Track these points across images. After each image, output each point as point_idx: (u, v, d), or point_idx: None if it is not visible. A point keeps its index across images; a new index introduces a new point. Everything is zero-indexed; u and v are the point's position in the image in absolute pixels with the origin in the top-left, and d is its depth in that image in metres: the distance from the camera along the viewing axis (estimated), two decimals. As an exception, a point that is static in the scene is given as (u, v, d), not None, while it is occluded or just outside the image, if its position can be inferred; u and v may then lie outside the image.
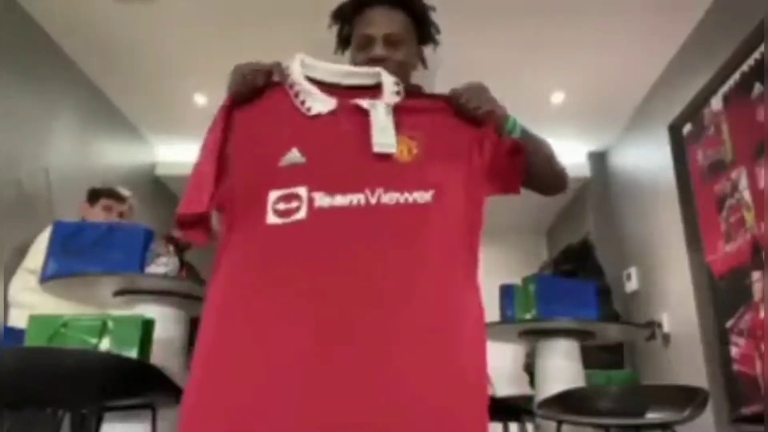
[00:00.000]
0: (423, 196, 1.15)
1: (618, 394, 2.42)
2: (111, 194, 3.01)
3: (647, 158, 4.06)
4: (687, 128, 3.49)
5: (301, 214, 1.12)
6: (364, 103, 1.21)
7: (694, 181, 3.40)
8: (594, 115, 4.33)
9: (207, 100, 4.13)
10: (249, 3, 3.24)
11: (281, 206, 1.14)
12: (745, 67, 2.88)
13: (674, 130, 3.61)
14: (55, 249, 2.13)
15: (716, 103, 3.14)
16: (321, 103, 1.22)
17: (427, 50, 1.64)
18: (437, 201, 1.16)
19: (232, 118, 1.24)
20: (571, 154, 4.82)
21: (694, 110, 3.36)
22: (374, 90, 1.25)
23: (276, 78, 1.25)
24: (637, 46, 3.50)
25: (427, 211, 1.14)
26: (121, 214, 2.98)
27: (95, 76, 3.90)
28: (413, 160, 1.19)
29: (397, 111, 1.22)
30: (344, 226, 1.12)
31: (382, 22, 1.40)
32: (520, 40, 3.49)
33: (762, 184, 2.71)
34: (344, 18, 1.48)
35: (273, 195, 1.15)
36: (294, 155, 1.18)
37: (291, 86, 1.24)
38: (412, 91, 1.29)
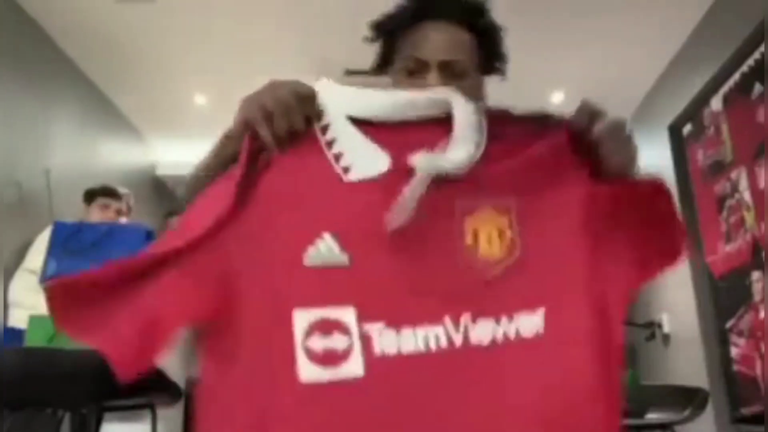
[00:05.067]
0: (531, 323, 0.71)
1: (618, 395, 2.42)
2: (107, 192, 2.99)
3: (647, 158, 4.03)
4: (687, 128, 3.49)
5: (355, 366, 0.67)
6: (436, 163, 0.73)
7: (694, 181, 3.40)
8: (594, 115, 4.33)
9: (207, 100, 4.13)
10: (249, 3, 3.24)
11: (318, 344, 0.68)
12: (745, 68, 2.87)
13: (674, 130, 3.61)
14: (55, 249, 2.13)
15: (716, 103, 3.14)
16: (367, 160, 0.75)
17: None
18: (551, 327, 0.71)
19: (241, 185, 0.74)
20: (571, 154, 4.82)
21: (694, 110, 3.36)
22: (444, 126, 0.78)
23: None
24: (637, 46, 3.50)
25: (537, 349, 0.70)
26: (118, 212, 2.97)
27: (95, 76, 3.89)
28: (507, 254, 0.73)
29: (485, 161, 0.76)
30: (419, 397, 0.67)
31: (440, 44, 1.00)
32: (520, 39, 3.47)
33: (762, 184, 2.71)
34: (391, 32, 1.05)
35: (301, 319, 0.68)
36: (328, 248, 0.71)
37: (324, 130, 0.77)
38: (500, 117, 0.81)
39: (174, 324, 0.69)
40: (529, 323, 0.70)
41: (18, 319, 2.39)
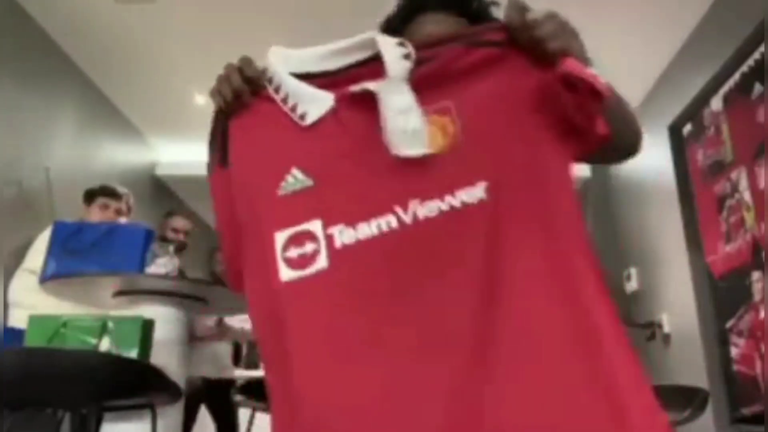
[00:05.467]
0: (472, 194, 0.84)
1: (618, 395, 2.42)
2: (107, 192, 2.99)
3: (647, 158, 4.06)
4: (687, 128, 3.49)
5: (321, 262, 0.85)
6: (370, 85, 0.88)
7: (694, 181, 3.40)
8: (594, 115, 4.33)
9: (207, 100, 4.11)
10: (249, 3, 3.25)
11: (294, 253, 0.86)
12: (745, 68, 2.88)
13: (674, 130, 3.61)
14: (55, 249, 2.13)
15: (716, 103, 3.14)
16: (315, 104, 0.91)
17: None
18: (495, 194, 0.84)
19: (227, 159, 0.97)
20: (571, 154, 4.82)
21: (694, 110, 3.36)
22: (380, 64, 0.90)
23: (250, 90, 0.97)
24: (637, 46, 3.50)
25: (483, 212, 0.83)
26: (118, 212, 2.97)
27: (95, 76, 3.90)
28: (451, 145, 0.87)
29: (419, 79, 0.88)
30: (379, 269, 0.83)
31: (432, 29, 1.11)
32: (520, 40, 3.49)
33: (762, 184, 2.71)
34: (393, 30, 1.15)
35: (280, 237, 0.88)
36: (296, 178, 0.90)
37: (276, 90, 0.94)
38: (435, 44, 0.92)
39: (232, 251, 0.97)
40: (472, 194, 0.84)
41: (18, 319, 2.39)
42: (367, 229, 0.85)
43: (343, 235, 0.85)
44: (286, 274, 0.86)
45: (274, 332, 0.85)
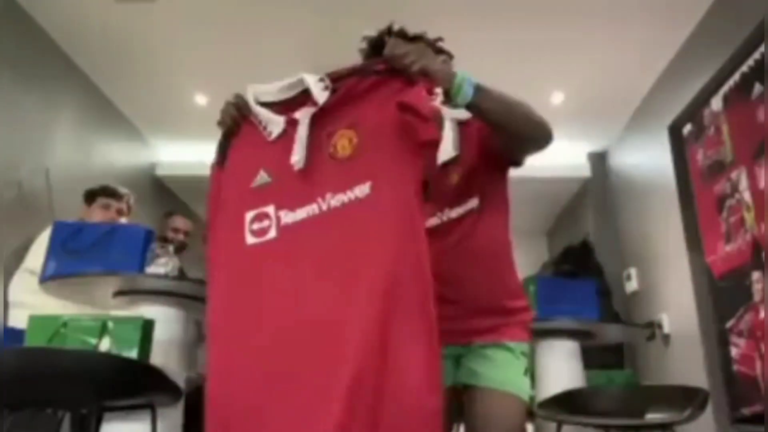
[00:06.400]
0: (362, 190, 1.23)
1: (618, 395, 2.43)
2: (108, 192, 2.99)
3: (647, 158, 4.06)
4: (687, 128, 3.49)
5: (272, 233, 1.27)
6: (296, 114, 1.31)
7: (694, 181, 3.40)
8: (594, 115, 4.33)
9: (207, 100, 4.13)
10: (249, 3, 3.24)
11: (256, 226, 1.29)
12: (745, 68, 2.87)
13: (674, 130, 3.61)
14: (55, 249, 2.13)
15: (716, 103, 3.14)
16: (275, 124, 1.33)
17: None
18: (376, 191, 1.22)
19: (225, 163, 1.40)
20: (571, 154, 4.82)
21: (694, 110, 3.36)
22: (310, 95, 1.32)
23: (241, 113, 1.39)
24: (637, 46, 3.50)
25: (367, 203, 1.22)
26: (119, 212, 2.97)
27: (95, 76, 3.90)
28: (353, 152, 1.26)
29: (334, 103, 1.28)
30: (305, 239, 1.24)
31: None
32: (520, 40, 3.49)
33: (762, 184, 2.71)
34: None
35: (249, 216, 1.30)
36: (262, 177, 1.32)
37: (255, 116, 1.37)
38: (345, 76, 1.30)
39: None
40: (362, 190, 1.23)
41: (18, 319, 2.39)
42: (301, 214, 1.26)
43: (287, 217, 1.27)
44: (250, 240, 1.29)
45: (240, 276, 1.27)
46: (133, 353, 1.84)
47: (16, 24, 3.22)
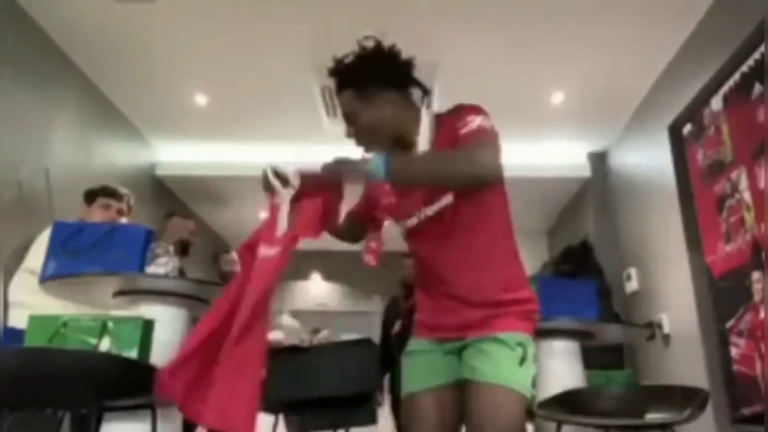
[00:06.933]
0: (271, 251, 1.50)
1: (618, 395, 2.42)
2: (108, 192, 2.99)
3: (647, 158, 4.06)
4: (687, 128, 3.49)
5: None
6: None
7: (694, 181, 3.40)
8: (594, 115, 4.33)
9: (207, 100, 4.13)
10: (249, 3, 3.24)
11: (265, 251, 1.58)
12: (745, 68, 2.87)
13: (674, 130, 3.61)
14: (55, 249, 2.13)
15: (716, 103, 3.14)
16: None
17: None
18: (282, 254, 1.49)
19: None
20: (571, 154, 4.82)
21: (694, 110, 3.36)
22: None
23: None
24: (637, 46, 3.50)
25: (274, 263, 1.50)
26: (119, 212, 2.97)
27: (95, 76, 3.90)
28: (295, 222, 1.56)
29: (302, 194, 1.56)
30: None
31: (341, 103, 1.59)
32: (520, 40, 3.49)
33: (762, 184, 2.71)
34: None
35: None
36: (283, 224, 1.61)
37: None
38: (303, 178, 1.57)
39: None
40: (270, 250, 1.47)
41: (18, 319, 2.39)
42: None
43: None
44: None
45: None
46: (133, 353, 1.84)
47: (15, 24, 3.22)
